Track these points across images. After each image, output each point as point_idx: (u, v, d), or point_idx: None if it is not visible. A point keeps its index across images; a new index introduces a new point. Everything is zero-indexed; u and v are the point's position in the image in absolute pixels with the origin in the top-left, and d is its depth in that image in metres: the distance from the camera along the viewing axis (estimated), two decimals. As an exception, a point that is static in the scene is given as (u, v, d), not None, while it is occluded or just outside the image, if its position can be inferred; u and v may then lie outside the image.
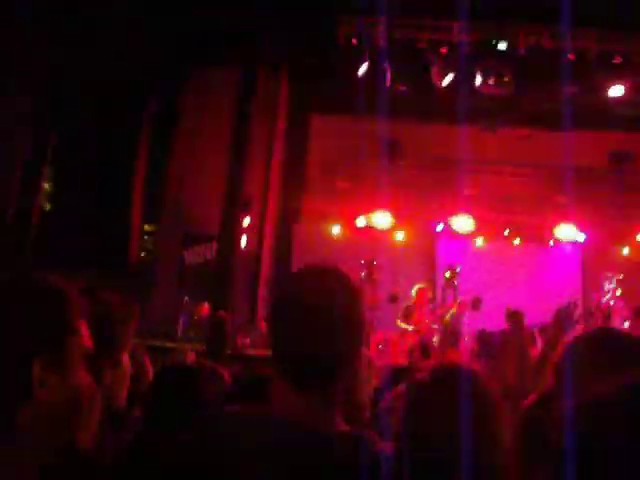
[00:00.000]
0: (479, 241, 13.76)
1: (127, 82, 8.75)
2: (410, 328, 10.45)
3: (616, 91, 10.62)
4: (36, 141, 9.18)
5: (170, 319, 9.90)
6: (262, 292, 11.19)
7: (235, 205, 10.57)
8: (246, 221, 11.02)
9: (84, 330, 1.52)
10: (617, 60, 10.38)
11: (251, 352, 9.39)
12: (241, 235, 10.92)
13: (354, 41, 10.54)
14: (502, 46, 10.21)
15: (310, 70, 11.19)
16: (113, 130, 8.64)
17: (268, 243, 11.71)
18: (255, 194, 11.16)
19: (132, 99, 9.02)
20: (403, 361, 10.19)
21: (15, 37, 8.15)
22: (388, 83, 10.66)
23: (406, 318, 10.66)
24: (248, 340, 10.14)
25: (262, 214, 11.44)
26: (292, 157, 12.46)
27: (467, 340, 11.80)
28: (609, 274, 12.39)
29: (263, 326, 10.33)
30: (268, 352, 1.62)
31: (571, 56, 10.42)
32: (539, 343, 12.16)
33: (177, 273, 10.40)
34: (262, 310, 11.03)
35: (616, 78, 10.55)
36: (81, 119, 8.74)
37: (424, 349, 10.10)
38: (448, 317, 11.50)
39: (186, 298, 9.93)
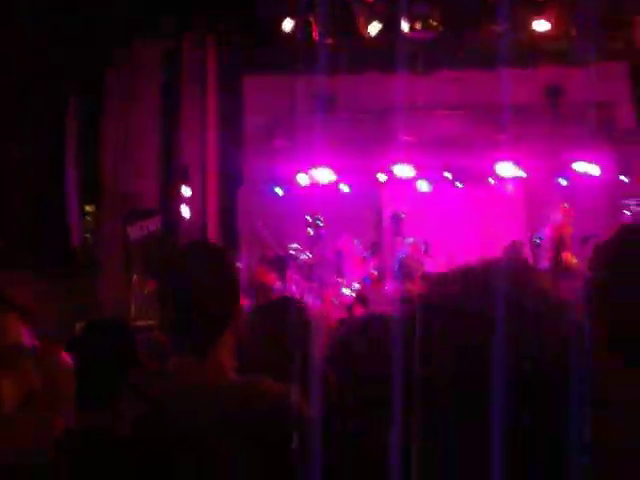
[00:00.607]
0: (421, 187, 13.85)
1: (47, 67, 8.44)
2: (343, 282, 10.56)
3: (542, 26, 10.68)
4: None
5: (121, 298, 9.79)
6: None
7: (173, 175, 10.42)
8: (187, 190, 10.89)
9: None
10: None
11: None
12: (183, 205, 10.80)
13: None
14: (427, -10, 10.14)
15: (236, 32, 10.99)
16: (37, 115, 8.37)
17: (212, 210, 11.61)
18: (193, 162, 11.01)
19: (53, 85, 8.72)
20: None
21: None
22: (316, 38, 10.53)
23: (338, 272, 10.78)
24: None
25: (203, 181, 11.31)
26: (227, 122, 12.29)
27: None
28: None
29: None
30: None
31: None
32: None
33: (122, 251, 10.25)
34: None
35: (541, 13, 10.60)
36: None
37: (362, 301, 10.27)
38: (402, 257, 11.68)
39: (135, 276, 9.82)
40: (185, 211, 10.79)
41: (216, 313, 1.86)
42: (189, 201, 10.89)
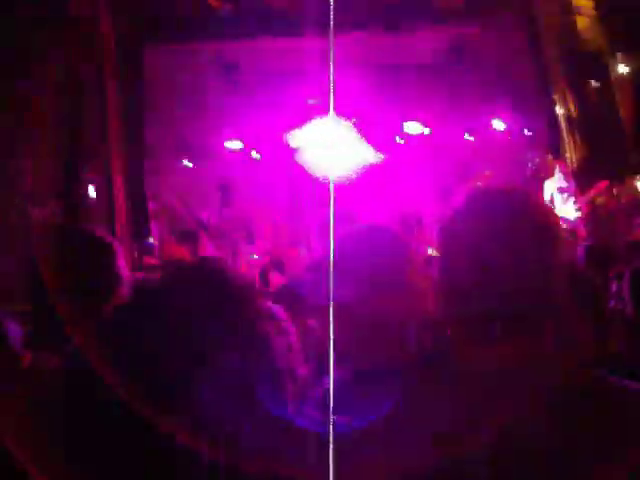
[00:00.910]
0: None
1: None
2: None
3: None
4: None
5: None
6: (122, 240, 10.91)
7: (76, 159, 10.07)
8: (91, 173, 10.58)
9: None
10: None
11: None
12: (88, 187, 10.50)
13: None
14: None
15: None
16: None
17: (119, 187, 11.31)
18: (96, 143, 10.66)
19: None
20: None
21: None
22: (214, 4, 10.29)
23: (249, 238, 10.75)
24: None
25: (107, 158, 10.98)
26: (128, 92, 11.91)
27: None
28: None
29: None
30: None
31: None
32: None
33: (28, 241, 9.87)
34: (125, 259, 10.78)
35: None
36: None
37: (278, 265, 10.31)
38: None
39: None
40: (91, 191, 10.50)
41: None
42: (95, 183, 10.60)
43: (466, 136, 14.04)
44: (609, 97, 13.35)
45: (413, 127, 13.63)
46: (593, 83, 13.65)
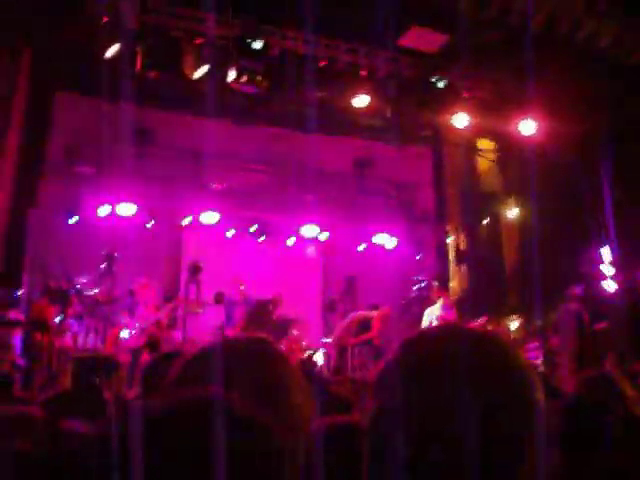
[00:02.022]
0: (226, 236, 13.72)
1: None
2: (136, 325, 10.08)
3: (361, 101, 11.10)
4: None
5: None
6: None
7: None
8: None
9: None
10: (363, 73, 10.85)
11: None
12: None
13: (105, 19, 9.86)
14: (257, 45, 10.16)
15: (54, 47, 10.33)
16: None
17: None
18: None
19: None
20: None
21: None
22: (138, 67, 10.14)
23: (130, 313, 10.27)
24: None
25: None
26: (31, 138, 11.43)
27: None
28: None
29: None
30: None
31: (322, 62, 10.69)
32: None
33: None
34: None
35: (361, 89, 11.01)
36: None
37: (152, 346, 9.85)
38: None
39: None
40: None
41: None
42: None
43: (359, 247, 14.24)
44: (496, 237, 14.05)
45: (309, 230, 13.72)
46: (485, 222, 14.36)
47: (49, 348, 9.44)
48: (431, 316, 11.32)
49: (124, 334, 9.85)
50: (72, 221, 12.22)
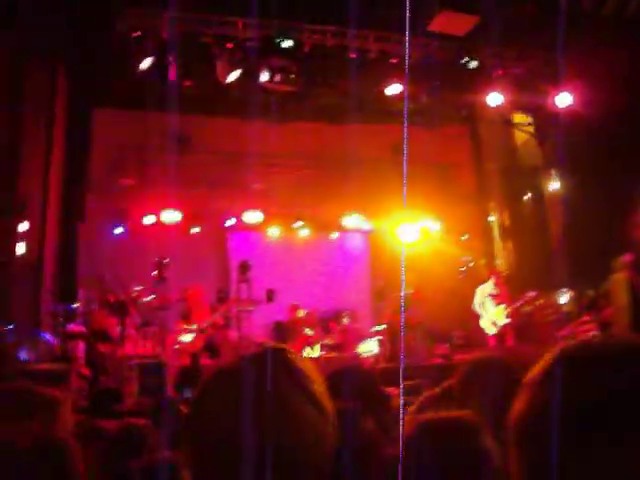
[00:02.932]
0: (270, 235, 13.87)
1: None
2: (193, 327, 10.28)
3: (393, 89, 11.12)
4: None
5: None
6: (45, 302, 10.45)
7: (7, 209, 9.70)
8: (23, 226, 10.17)
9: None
10: (394, 60, 10.87)
11: (36, 367, 8.82)
12: (17, 241, 10.06)
13: (137, 33, 10.05)
14: (287, 44, 10.26)
15: (90, 62, 10.56)
16: None
17: (50, 248, 10.93)
18: (33, 196, 10.32)
19: None
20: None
21: None
22: (173, 77, 10.30)
23: (185, 319, 10.47)
24: (33, 355, 9.46)
25: (42, 216, 10.62)
26: (74, 154, 11.72)
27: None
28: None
29: (48, 339, 9.69)
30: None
31: (352, 54, 10.73)
32: (335, 331, 12.63)
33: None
34: (47, 322, 10.31)
35: (393, 77, 11.04)
36: None
37: (211, 349, 10.07)
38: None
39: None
40: (20, 248, 10.06)
41: None
42: (25, 237, 10.17)
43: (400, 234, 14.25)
44: (540, 211, 13.95)
45: (353, 220, 13.81)
46: (527, 196, 14.26)
47: (112, 357, 9.71)
48: (483, 295, 11.35)
49: (184, 338, 10.06)
50: (117, 232, 12.47)
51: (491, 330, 11.16)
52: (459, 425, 1.64)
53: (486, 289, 11.38)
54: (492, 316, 11.15)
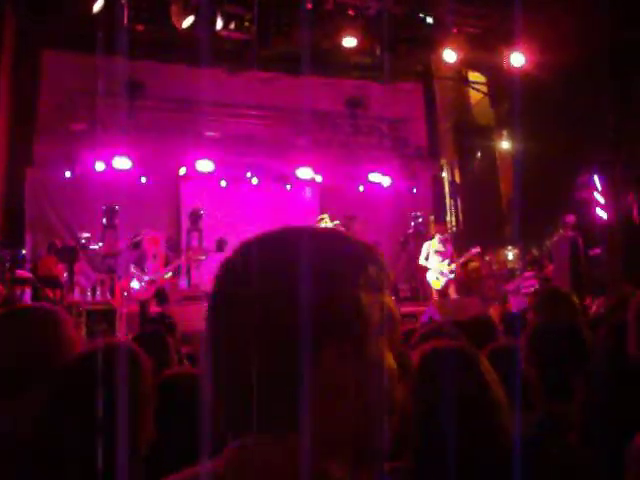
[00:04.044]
0: (222, 183, 13.80)
1: None
2: (145, 278, 10.22)
3: (349, 42, 11.07)
4: None
5: None
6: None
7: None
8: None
9: None
10: (351, 12, 10.80)
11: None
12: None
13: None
14: (243, -9, 10.11)
15: (39, 3, 10.25)
16: None
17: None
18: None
19: None
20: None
21: None
22: (126, 21, 10.08)
23: (138, 265, 10.37)
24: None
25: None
26: (21, 97, 11.43)
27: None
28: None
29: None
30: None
31: (309, 5, 10.63)
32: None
33: None
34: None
35: (350, 29, 10.98)
36: None
37: (160, 298, 10.04)
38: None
39: None
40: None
41: None
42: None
43: (355, 187, 14.37)
44: (491, 170, 14.18)
45: (304, 172, 13.82)
46: (478, 155, 14.46)
47: (60, 303, 9.67)
48: (428, 250, 11.57)
49: (134, 285, 10.04)
50: (71, 176, 12.23)
51: (436, 284, 11.43)
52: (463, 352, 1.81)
53: (432, 245, 11.60)
54: (437, 270, 11.40)
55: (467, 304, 9.99)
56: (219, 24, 10.19)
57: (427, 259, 11.45)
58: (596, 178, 11.23)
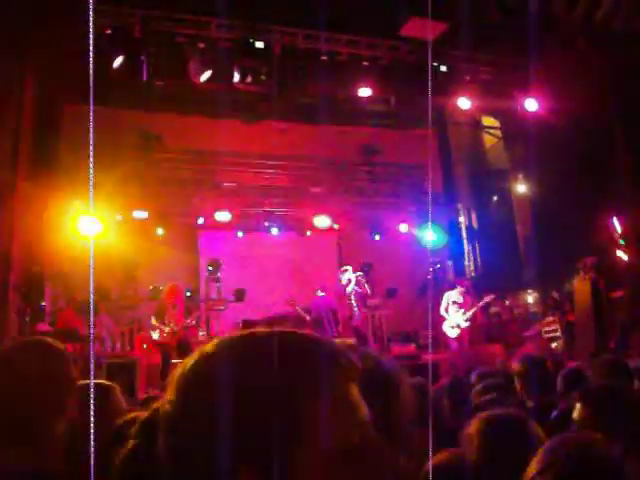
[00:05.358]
0: (240, 234, 13.87)
1: None
2: (166, 329, 10.21)
3: (364, 91, 11.21)
4: None
5: None
6: (13, 301, 10.34)
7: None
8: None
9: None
10: (365, 63, 10.97)
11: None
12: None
13: (108, 31, 9.99)
14: (259, 44, 10.30)
15: (60, 59, 10.46)
16: None
17: (18, 245, 10.82)
18: (1, 191, 10.21)
19: None
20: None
21: None
22: (145, 77, 10.27)
23: (159, 317, 10.39)
24: None
25: (10, 212, 10.50)
26: (42, 149, 11.60)
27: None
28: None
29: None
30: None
31: (323, 57, 10.81)
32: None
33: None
34: (13, 316, 10.21)
35: (365, 79, 11.13)
36: None
37: (183, 349, 10.02)
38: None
39: None
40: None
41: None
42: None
43: (373, 234, 14.39)
44: (508, 213, 14.18)
45: (322, 220, 13.86)
46: (494, 199, 14.48)
47: (81, 357, 9.66)
48: (448, 301, 11.55)
49: (155, 335, 10.04)
50: (91, 229, 12.24)
51: (452, 333, 11.41)
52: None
53: (452, 296, 11.60)
54: (453, 321, 11.40)
55: (490, 352, 9.93)
56: (236, 77, 10.37)
57: (447, 310, 11.46)
58: (615, 220, 11.19)
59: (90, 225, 11.97)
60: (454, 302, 11.51)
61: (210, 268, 13.03)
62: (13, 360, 2.03)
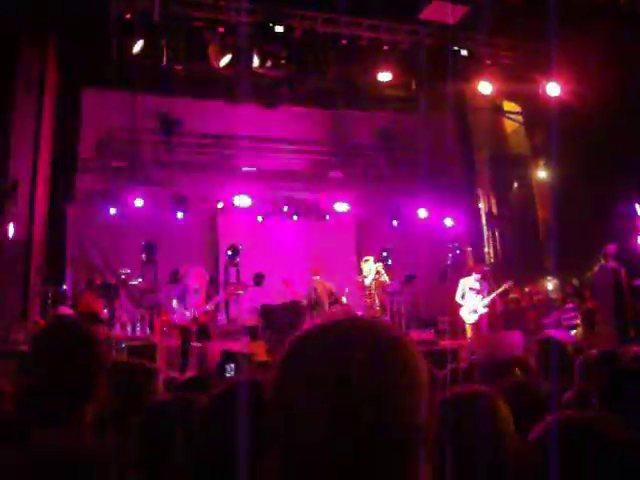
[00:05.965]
0: (259, 218, 13.87)
1: None
2: (187, 313, 10.23)
3: (385, 76, 11.14)
4: None
5: None
6: (34, 283, 10.46)
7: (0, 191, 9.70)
8: (13, 207, 10.16)
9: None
10: (385, 47, 10.90)
11: (25, 348, 8.84)
12: (8, 223, 10.06)
13: (128, 16, 10.01)
14: (279, 29, 10.26)
15: (81, 43, 10.50)
16: None
17: (39, 229, 10.92)
18: (23, 177, 10.30)
19: None
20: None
21: None
22: (165, 61, 10.28)
23: (181, 300, 10.39)
24: (22, 336, 9.48)
25: (31, 198, 10.60)
26: (63, 134, 11.67)
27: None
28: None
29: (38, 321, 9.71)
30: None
31: (344, 41, 10.75)
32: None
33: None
34: (35, 303, 10.32)
35: (385, 63, 11.06)
36: None
37: (203, 334, 10.06)
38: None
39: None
40: (10, 229, 10.05)
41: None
42: (15, 219, 10.16)
43: (392, 219, 14.33)
44: (528, 200, 14.07)
45: (341, 205, 13.84)
46: (515, 185, 14.37)
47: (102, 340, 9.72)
48: (464, 287, 11.48)
49: (175, 318, 10.10)
50: (112, 212, 12.35)
51: (469, 319, 11.32)
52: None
53: (468, 282, 11.51)
54: (470, 307, 11.31)
55: (509, 339, 9.86)
56: (256, 62, 10.35)
57: (463, 297, 11.39)
58: (637, 206, 11.08)
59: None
60: (471, 288, 11.43)
61: (229, 253, 13.07)
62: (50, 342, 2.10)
